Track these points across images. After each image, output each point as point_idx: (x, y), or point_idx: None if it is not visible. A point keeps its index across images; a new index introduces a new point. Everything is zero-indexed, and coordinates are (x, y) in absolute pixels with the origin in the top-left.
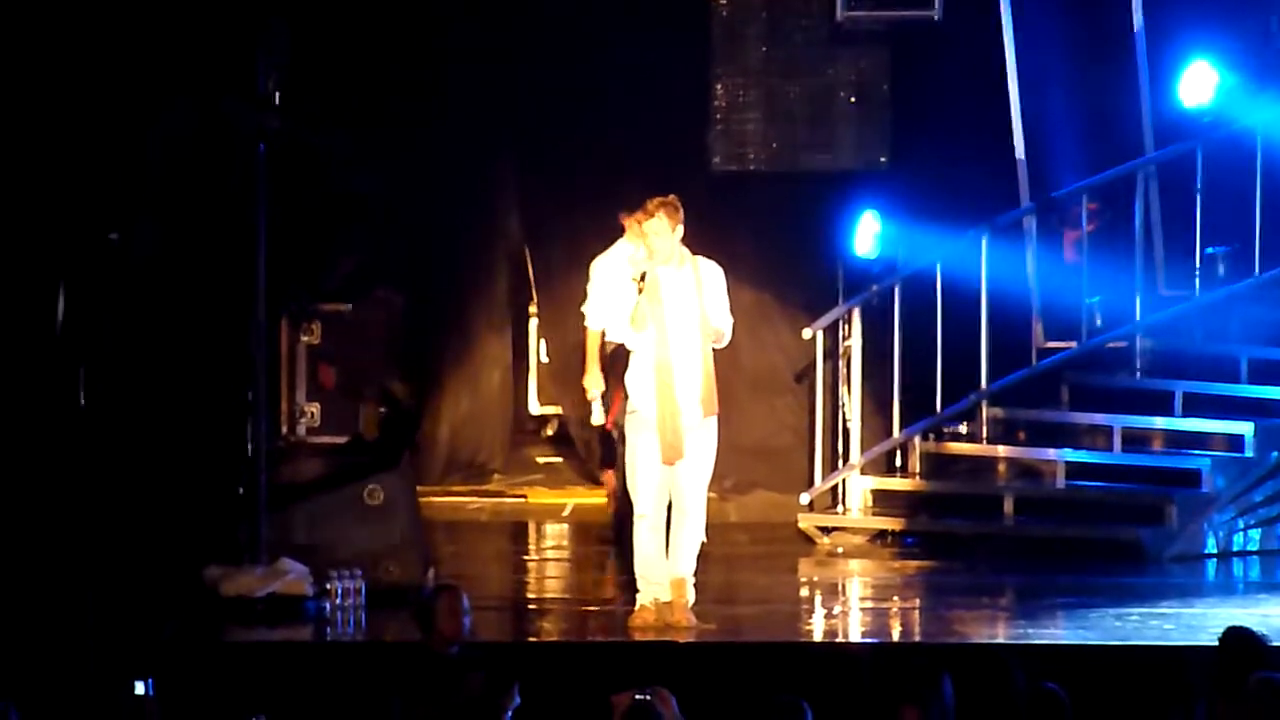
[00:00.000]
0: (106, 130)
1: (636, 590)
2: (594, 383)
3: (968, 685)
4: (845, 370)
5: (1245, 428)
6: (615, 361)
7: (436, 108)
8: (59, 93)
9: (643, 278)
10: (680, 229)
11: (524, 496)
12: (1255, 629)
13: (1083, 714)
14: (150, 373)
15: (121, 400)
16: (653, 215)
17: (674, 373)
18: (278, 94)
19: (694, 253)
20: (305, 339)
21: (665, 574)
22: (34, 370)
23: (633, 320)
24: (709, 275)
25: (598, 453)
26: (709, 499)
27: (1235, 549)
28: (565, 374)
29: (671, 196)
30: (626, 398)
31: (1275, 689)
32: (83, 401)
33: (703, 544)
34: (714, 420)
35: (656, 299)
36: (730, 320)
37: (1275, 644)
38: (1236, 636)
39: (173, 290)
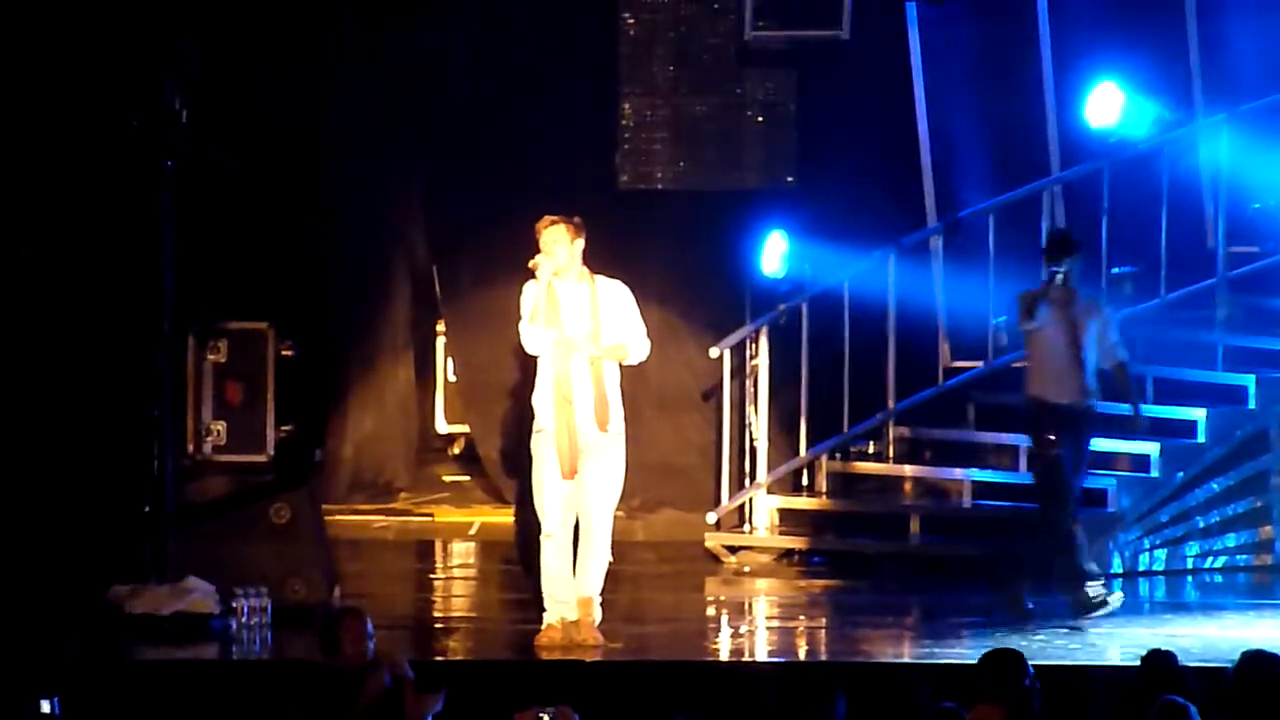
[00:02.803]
0: (13, 145)
1: (543, 609)
2: None
3: (872, 704)
4: (752, 389)
5: (1151, 448)
6: None
7: (341, 126)
8: None
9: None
10: (580, 244)
11: (430, 515)
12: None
13: None
14: (56, 390)
15: (26, 417)
16: (551, 226)
17: (572, 383)
18: (185, 112)
19: (603, 271)
20: (211, 357)
21: (572, 593)
22: None
23: (532, 316)
24: (609, 294)
25: None
26: (616, 517)
27: (1141, 569)
28: (472, 392)
29: (576, 218)
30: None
31: (1177, 710)
32: None
33: (610, 563)
34: (620, 439)
35: (555, 310)
36: (644, 337)
37: (1190, 665)
38: (1156, 659)
39: (79, 307)
